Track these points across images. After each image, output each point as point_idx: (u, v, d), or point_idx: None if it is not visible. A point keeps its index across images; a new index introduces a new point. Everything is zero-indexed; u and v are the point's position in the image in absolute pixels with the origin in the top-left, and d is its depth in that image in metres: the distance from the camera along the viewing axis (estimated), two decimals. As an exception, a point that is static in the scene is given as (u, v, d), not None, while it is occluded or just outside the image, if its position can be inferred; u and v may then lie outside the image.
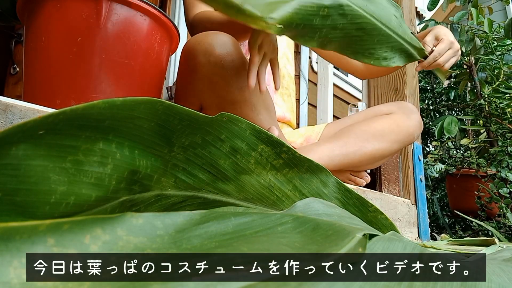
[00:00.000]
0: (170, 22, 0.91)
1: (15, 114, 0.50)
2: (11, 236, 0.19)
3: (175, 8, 1.86)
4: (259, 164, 0.41)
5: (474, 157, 1.76)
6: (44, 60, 0.80)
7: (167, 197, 0.37)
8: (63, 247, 0.20)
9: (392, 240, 0.31)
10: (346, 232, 0.29)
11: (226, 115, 0.37)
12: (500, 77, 1.80)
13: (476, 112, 1.83)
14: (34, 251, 0.19)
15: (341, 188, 0.45)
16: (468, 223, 1.68)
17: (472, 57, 1.87)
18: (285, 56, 1.09)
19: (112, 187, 0.31)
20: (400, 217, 1.13)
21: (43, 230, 0.20)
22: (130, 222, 0.23)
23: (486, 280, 0.28)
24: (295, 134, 1.09)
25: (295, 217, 0.31)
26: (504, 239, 1.05)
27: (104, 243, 0.21)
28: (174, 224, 0.25)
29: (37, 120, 0.24)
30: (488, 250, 0.55)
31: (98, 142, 0.29)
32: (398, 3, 1.36)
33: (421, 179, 1.27)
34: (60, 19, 0.79)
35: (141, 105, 0.30)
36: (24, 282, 0.18)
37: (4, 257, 0.18)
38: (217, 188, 0.40)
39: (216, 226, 0.26)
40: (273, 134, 0.40)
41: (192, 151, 0.37)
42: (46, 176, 0.27)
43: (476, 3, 1.76)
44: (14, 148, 0.25)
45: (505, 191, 1.38)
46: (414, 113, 0.95)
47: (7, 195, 0.25)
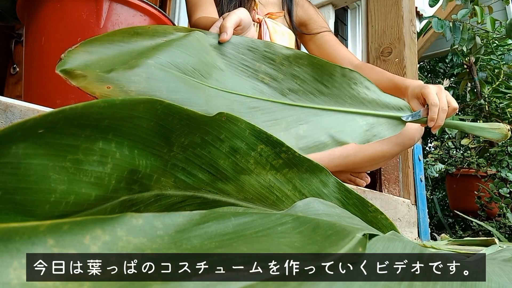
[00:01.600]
0: (170, 22, 0.91)
1: (15, 114, 0.50)
2: (11, 237, 0.19)
3: (175, 8, 1.85)
4: (258, 164, 0.41)
5: (474, 157, 1.76)
6: (44, 60, 0.80)
7: (167, 197, 0.37)
8: (63, 247, 0.20)
9: (392, 240, 0.31)
10: (346, 232, 0.29)
11: (225, 114, 0.37)
12: (500, 77, 1.80)
13: (476, 112, 1.83)
14: (34, 251, 0.19)
15: (341, 188, 0.45)
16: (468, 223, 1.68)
17: (472, 57, 1.87)
18: None
19: (112, 187, 0.31)
20: (400, 217, 1.13)
21: (43, 231, 0.20)
22: (130, 223, 0.23)
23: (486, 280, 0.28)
24: (295, 134, 1.09)
25: (295, 217, 0.31)
26: (504, 239, 1.05)
27: (104, 243, 0.21)
28: (174, 224, 0.25)
29: (36, 118, 0.24)
30: (488, 250, 0.55)
31: (97, 142, 0.29)
32: (398, 3, 1.36)
33: (421, 179, 1.27)
34: (60, 19, 0.79)
35: (140, 105, 0.30)
36: (24, 283, 0.18)
37: (4, 258, 0.18)
38: (216, 188, 0.40)
39: (216, 226, 0.26)
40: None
41: (191, 150, 0.37)
42: (46, 175, 0.26)
43: (477, 2, 1.76)
44: (14, 147, 0.25)
45: (505, 191, 1.38)
46: None
47: (7, 193, 0.25)
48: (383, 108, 0.64)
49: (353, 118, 0.61)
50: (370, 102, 0.63)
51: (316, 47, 1.12)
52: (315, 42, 1.12)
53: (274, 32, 1.06)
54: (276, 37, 1.06)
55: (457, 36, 1.69)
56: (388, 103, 0.64)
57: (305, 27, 1.14)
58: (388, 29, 1.36)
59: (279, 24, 1.09)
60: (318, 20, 1.14)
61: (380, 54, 1.37)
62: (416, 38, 1.40)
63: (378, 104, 0.63)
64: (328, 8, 1.90)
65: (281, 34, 1.08)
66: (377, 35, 1.40)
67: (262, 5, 1.10)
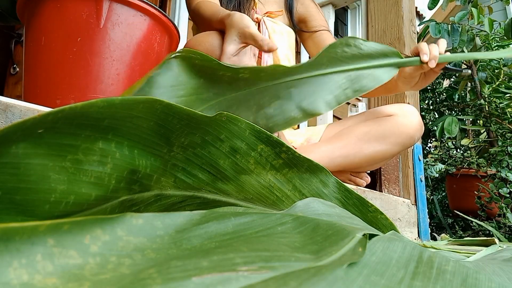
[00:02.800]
0: (170, 22, 0.91)
1: (15, 114, 0.50)
2: (10, 237, 0.19)
3: (175, 8, 1.85)
4: (258, 164, 0.41)
5: (474, 157, 1.76)
6: (44, 60, 0.80)
7: (167, 197, 0.37)
8: (63, 247, 0.20)
9: (392, 240, 0.31)
10: (346, 232, 0.29)
11: (225, 114, 0.37)
12: (500, 77, 1.79)
13: (476, 112, 1.83)
14: (34, 251, 0.19)
15: (341, 188, 0.45)
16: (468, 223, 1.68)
17: (472, 57, 1.86)
18: (286, 58, 1.09)
19: (112, 187, 0.31)
20: (400, 217, 1.13)
21: (43, 231, 0.20)
22: (130, 223, 0.23)
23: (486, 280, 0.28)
24: (296, 134, 1.09)
25: (295, 217, 0.31)
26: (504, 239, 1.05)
27: (104, 243, 0.21)
28: (174, 224, 0.25)
29: (36, 118, 0.24)
30: (488, 250, 0.55)
31: (97, 141, 0.29)
32: (398, 3, 1.36)
33: (421, 179, 1.27)
34: (60, 19, 0.79)
35: (140, 104, 0.30)
36: (23, 283, 0.18)
37: (4, 258, 0.18)
38: (216, 188, 0.40)
39: (216, 226, 0.26)
40: (273, 134, 0.40)
41: (191, 150, 0.37)
42: (46, 175, 0.27)
43: (476, 3, 1.76)
44: (14, 146, 0.25)
45: (505, 191, 1.38)
46: (415, 116, 0.94)
47: (6, 193, 0.25)
48: (366, 60, 0.61)
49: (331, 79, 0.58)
50: (351, 58, 0.59)
51: (313, 45, 1.12)
52: (313, 40, 1.12)
53: (273, 32, 1.06)
54: (275, 36, 1.06)
55: (456, 38, 1.69)
56: (371, 53, 0.61)
57: (304, 24, 1.14)
58: (388, 29, 1.36)
59: (278, 23, 1.08)
60: (318, 17, 1.14)
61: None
62: (416, 38, 1.40)
63: (359, 57, 0.60)
64: (328, 8, 1.90)
65: (280, 34, 1.08)
66: (377, 35, 1.40)
67: (261, 3, 1.10)
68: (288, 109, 0.56)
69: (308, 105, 0.57)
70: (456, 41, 1.69)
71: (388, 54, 0.63)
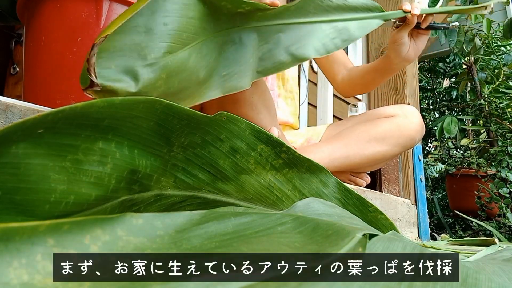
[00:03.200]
0: (170, 22, 0.91)
1: (15, 114, 0.50)
2: (10, 237, 0.19)
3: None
4: (258, 164, 0.41)
5: (474, 157, 1.76)
6: (44, 60, 0.80)
7: (167, 197, 0.37)
8: (63, 247, 0.20)
9: (392, 240, 0.31)
10: (346, 232, 0.29)
11: (225, 114, 0.37)
12: (500, 77, 1.80)
13: (476, 112, 1.83)
14: (34, 251, 0.19)
15: (341, 188, 0.45)
16: (468, 223, 1.68)
17: (472, 57, 1.87)
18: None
19: (112, 187, 0.31)
20: (400, 217, 1.14)
21: (43, 231, 0.20)
22: (130, 223, 0.23)
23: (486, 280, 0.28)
24: (296, 134, 1.09)
25: (295, 217, 0.31)
26: (504, 239, 1.05)
27: (104, 243, 0.21)
28: (174, 224, 0.25)
29: (36, 118, 0.24)
30: (488, 250, 0.55)
31: (97, 141, 0.29)
32: (398, 3, 1.36)
33: (421, 179, 1.28)
34: (60, 19, 0.79)
35: (140, 104, 0.30)
36: (24, 283, 0.18)
37: (4, 258, 0.18)
38: (216, 188, 0.40)
39: (216, 226, 0.26)
40: (273, 135, 0.40)
41: (191, 151, 0.37)
42: (46, 175, 0.26)
43: (476, 3, 1.76)
44: (14, 146, 0.25)
45: (505, 191, 1.38)
46: (416, 117, 0.94)
47: (6, 193, 0.25)
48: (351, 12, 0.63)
49: (318, 28, 0.59)
50: (336, 9, 0.61)
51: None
52: None
53: None
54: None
55: (453, 39, 1.68)
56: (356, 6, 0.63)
57: None
58: (388, 29, 1.36)
59: None
60: None
61: (380, 54, 1.37)
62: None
63: (345, 9, 0.62)
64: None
65: None
66: (377, 35, 1.40)
67: None
68: (277, 53, 0.56)
69: (297, 50, 0.57)
70: (452, 42, 1.68)
71: (371, 9, 0.65)
